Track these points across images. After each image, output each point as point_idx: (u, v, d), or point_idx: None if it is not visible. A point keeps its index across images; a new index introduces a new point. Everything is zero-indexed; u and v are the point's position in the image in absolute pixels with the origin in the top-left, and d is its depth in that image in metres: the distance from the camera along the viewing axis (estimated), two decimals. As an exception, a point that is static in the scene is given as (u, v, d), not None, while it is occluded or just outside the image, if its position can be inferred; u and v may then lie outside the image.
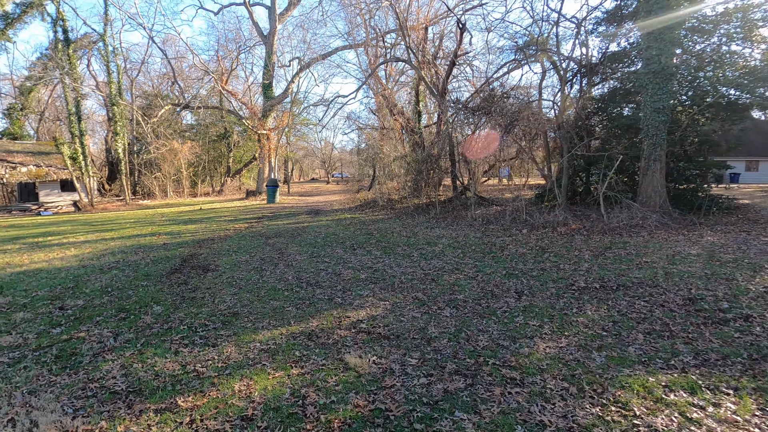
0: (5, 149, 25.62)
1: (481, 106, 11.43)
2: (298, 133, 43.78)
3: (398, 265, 6.95)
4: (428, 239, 9.31)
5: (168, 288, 5.99)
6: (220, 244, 9.46)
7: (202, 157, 34.29)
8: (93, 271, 7.09)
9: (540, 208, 12.84)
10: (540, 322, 4.19)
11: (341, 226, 12.16)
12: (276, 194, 22.12)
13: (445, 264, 6.87)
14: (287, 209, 18.41)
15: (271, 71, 24.28)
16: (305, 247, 8.79)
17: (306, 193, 33.39)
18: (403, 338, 3.94)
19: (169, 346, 3.89)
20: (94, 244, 9.78)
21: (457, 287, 5.52)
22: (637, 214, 9.84)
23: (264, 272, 6.76)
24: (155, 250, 8.97)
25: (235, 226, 12.59)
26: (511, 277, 5.88)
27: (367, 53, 22.02)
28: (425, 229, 10.91)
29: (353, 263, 7.19)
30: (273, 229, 11.66)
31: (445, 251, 7.92)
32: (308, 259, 7.67)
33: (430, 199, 15.84)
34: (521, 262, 6.73)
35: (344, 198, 23.73)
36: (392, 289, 5.58)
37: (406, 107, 22.59)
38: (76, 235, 11.48)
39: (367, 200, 18.39)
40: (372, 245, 8.84)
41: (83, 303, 5.37)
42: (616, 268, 6.08)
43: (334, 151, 62.89)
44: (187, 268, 7.25)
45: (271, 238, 10.11)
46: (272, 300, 5.26)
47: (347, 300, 5.16)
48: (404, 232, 10.42)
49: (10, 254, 8.88)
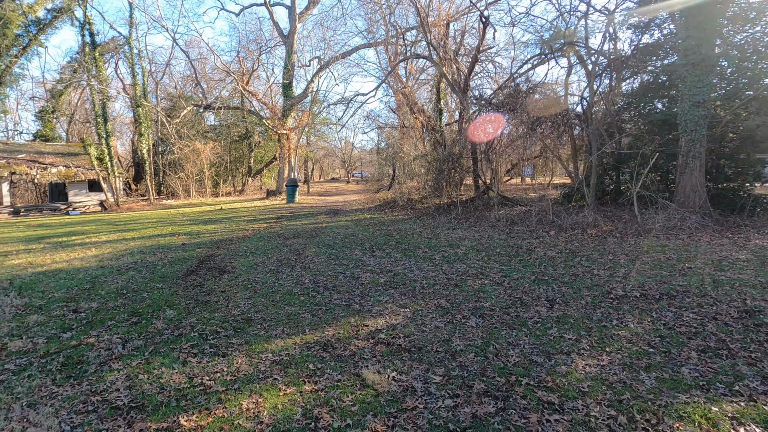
0: (37, 151, 26.47)
1: (505, 103, 10.98)
2: (318, 133, 43.87)
3: (419, 268, 6.63)
4: (450, 241, 8.94)
5: (183, 291, 5.84)
6: (237, 245, 9.33)
7: (224, 158, 34.69)
8: (110, 272, 7.04)
9: (567, 208, 12.29)
10: (576, 336, 3.81)
11: (360, 226, 11.91)
12: (295, 194, 22.08)
13: (468, 268, 6.51)
14: (306, 209, 18.31)
15: (291, 71, 24.27)
16: (323, 249, 8.56)
17: (326, 193, 33.37)
18: (426, 351, 3.62)
19: (177, 355, 3.69)
20: (115, 244, 9.81)
21: (483, 294, 5.16)
22: (674, 215, 9.23)
23: (280, 275, 6.55)
24: (174, 250, 8.90)
25: (254, 227, 12.50)
26: (540, 284, 5.48)
27: (386, 51, 21.72)
28: (447, 230, 10.54)
29: (372, 266, 6.91)
30: (291, 230, 11.50)
31: (468, 254, 7.55)
32: (326, 261, 7.43)
33: (452, 199, 15.43)
34: (551, 267, 6.31)
35: (364, 198, 23.51)
36: (413, 295, 5.27)
37: (427, 105, 22.20)
38: (99, 235, 11.59)
39: (386, 200, 18.10)
40: (392, 247, 8.54)
41: (97, 305, 5.26)
42: (656, 275, 5.60)
43: (354, 150, 62.91)
44: (203, 269, 7.11)
45: (289, 239, 9.93)
46: (287, 305, 5.03)
47: (365, 306, 4.87)
48: (425, 233, 10.08)
49: (34, 254, 8.97)
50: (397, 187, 17.20)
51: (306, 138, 39.41)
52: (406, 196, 17.00)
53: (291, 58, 24.20)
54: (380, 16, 20.13)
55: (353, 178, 60.08)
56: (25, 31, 28.50)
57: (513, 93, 11.07)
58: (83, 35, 21.79)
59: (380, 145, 54.71)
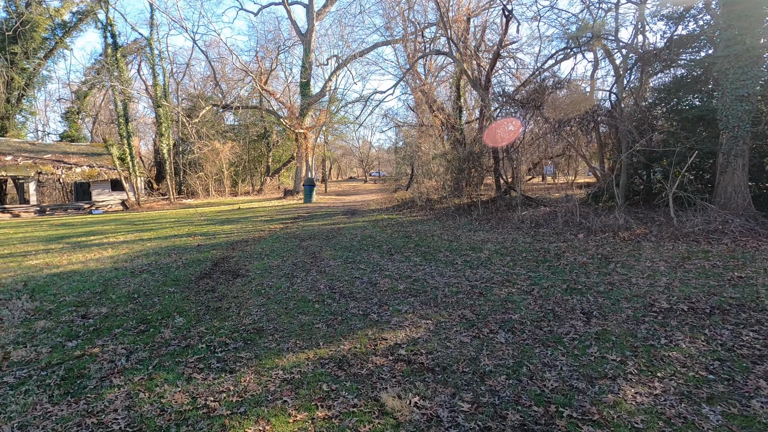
0: (62, 151, 27.09)
1: (530, 99, 10.47)
2: (336, 132, 43.79)
3: (440, 274, 6.26)
4: (472, 244, 8.54)
5: (194, 296, 5.63)
6: (253, 247, 9.14)
7: (243, 157, 34.90)
8: (124, 275, 6.90)
9: (595, 209, 11.71)
10: (621, 356, 3.39)
11: (378, 227, 11.60)
12: (313, 194, 21.94)
13: (493, 274, 6.11)
14: (323, 209, 18.11)
15: (308, 69, 24.13)
16: (340, 252, 8.28)
17: (343, 192, 33.22)
18: (451, 371, 3.27)
19: (182, 371, 3.44)
20: (131, 245, 9.75)
21: (511, 304, 4.77)
22: (715, 217, 8.60)
23: (295, 279, 6.28)
24: (188, 251, 8.76)
25: (270, 227, 12.33)
26: (573, 293, 5.05)
27: (405, 48, 21.34)
28: (468, 232, 10.13)
29: (390, 271, 6.58)
30: (308, 231, 11.27)
31: (492, 258, 7.14)
32: (342, 265, 7.14)
33: (472, 199, 14.98)
34: (583, 274, 5.86)
35: (381, 197, 23.21)
36: (435, 304, 4.91)
37: (446, 104, 21.74)
38: (117, 234, 11.60)
39: (404, 200, 17.75)
40: (411, 250, 8.19)
41: (107, 311, 5.08)
42: (703, 285, 5.10)
43: (372, 149, 62.69)
44: (217, 272, 6.91)
45: (305, 241, 9.69)
46: (301, 314, 4.74)
47: (384, 317, 4.55)
48: (445, 236, 9.69)
49: (52, 254, 8.97)
50: (416, 187, 16.82)
51: (324, 137, 39.35)
52: (425, 196, 16.62)
53: (309, 56, 24.05)
54: (398, 12, 19.78)
55: (371, 177, 59.88)
56: (52, 34, 29.23)
57: (538, 89, 10.56)
58: (105, 36, 22.11)
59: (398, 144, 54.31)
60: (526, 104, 10.54)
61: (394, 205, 17.45)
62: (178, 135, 32.99)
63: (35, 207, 22.67)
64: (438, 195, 16.96)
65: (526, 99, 10.50)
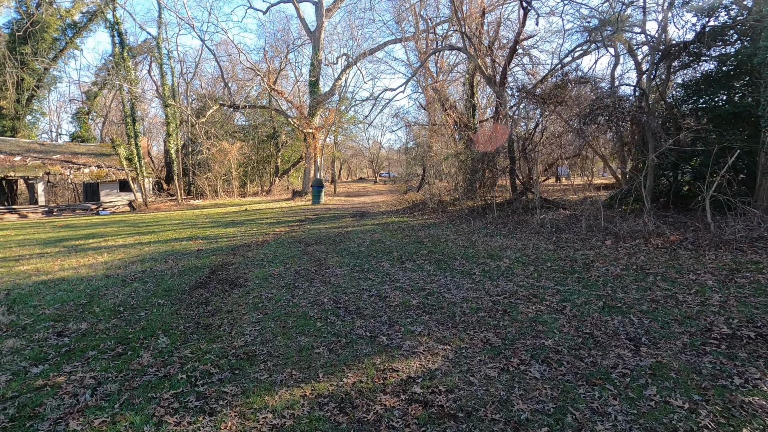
0: (71, 151, 27.01)
1: (551, 94, 9.78)
2: (346, 133, 43.32)
3: (457, 286, 5.64)
4: (490, 251, 7.89)
5: (185, 309, 5.10)
6: (255, 252, 8.60)
7: (252, 158, 34.60)
8: (114, 283, 6.41)
9: (620, 213, 10.98)
10: (688, 402, 2.74)
11: (388, 231, 11.00)
12: (321, 195, 21.44)
13: (516, 287, 5.47)
14: (332, 211, 17.58)
15: (317, 68, 23.65)
16: (347, 258, 7.70)
17: (352, 194, 32.71)
18: (478, 418, 2.66)
19: (153, 411, 2.87)
20: (129, 249, 9.30)
21: (541, 325, 4.13)
22: (758, 223, 7.83)
23: (297, 291, 5.71)
24: (187, 257, 8.26)
25: (275, 230, 11.81)
26: (613, 313, 4.40)
27: (416, 45, 20.74)
28: (484, 237, 9.48)
29: (402, 282, 5.97)
30: (314, 235, 10.72)
31: (513, 268, 6.49)
32: (349, 273, 6.55)
33: (486, 201, 14.30)
34: (620, 289, 5.18)
35: (391, 199, 22.62)
36: (453, 323, 4.30)
37: (458, 103, 21.06)
38: (117, 238, 11.18)
39: (415, 202, 17.13)
40: (423, 257, 7.58)
41: (87, 327, 4.57)
42: (764, 304, 4.40)
43: (382, 150, 62.18)
44: (213, 281, 6.38)
45: (310, 246, 9.14)
46: (301, 334, 4.17)
47: (395, 340, 3.95)
48: (460, 241, 9.05)
49: (45, 259, 8.54)
50: (427, 188, 16.19)
51: (333, 137, 38.89)
52: (437, 198, 15.99)
53: (318, 54, 23.57)
54: (410, 8, 19.17)
55: (381, 178, 59.36)
56: (62, 35, 29.19)
57: (560, 84, 9.87)
58: (113, 35, 21.88)
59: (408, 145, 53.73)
60: (547, 100, 9.85)
61: (405, 207, 16.85)
62: (187, 135, 32.81)
63: (43, 208, 22.54)
64: (450, 197, 16.32)
65: (547, 94, 9.79)
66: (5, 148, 24.13)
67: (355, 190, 39.10)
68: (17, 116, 26.97)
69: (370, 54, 24.27)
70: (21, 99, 27.48)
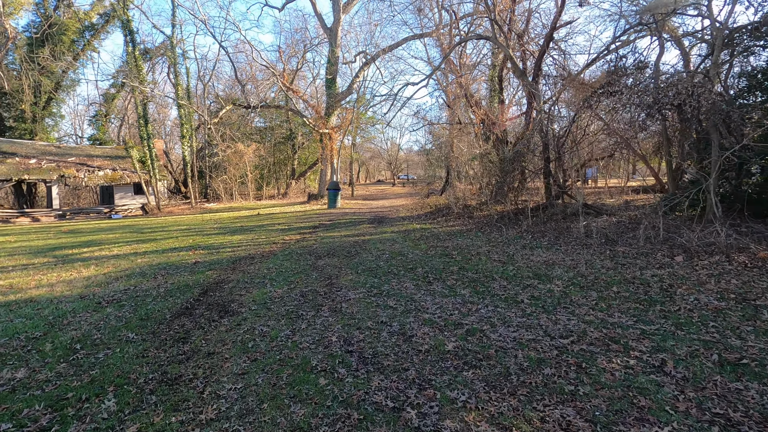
0: (87, 154, 26.73)
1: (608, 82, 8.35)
2: (364, 134, 42.32)
3: (504, 320, 4.37)
4: (534, 267, 6.58)
5: (156, 349, 4.00)
6: (258, 266, 7.50)
7: (268, 160, 33.92)
8: (86, 307, 5.37)
9: (679, 221, 9.50)
10: None
11: (410, 240, 9.78)
12: (337, 199, 20.37)
13: (583, 324, 4.17)
14: (348, 216, 16.45)
15: (334, 65, 22.64)
16: (362, 276, 6.51)
17: (370, 197, 31.59)
18: None
19: None
20: (120, 261, 8.33)
21: (642, 396, 2.84)
22: None
23: (299, 323, 4.55)
24: (180, 272, 7.22)
25: (285, 238, 10.73)
26: (741, 375, 3.06)
27: (439, 39, 19.46)
28: (522, 249, 8.16)
29: (431, 311, 4.74)
30: (327, 244, 9.58)
31: (570, 293, 5.18)
32: (365, 298, 5.36)
33: (518, 206, 12.93)
34: (730, 332, 3.82)
35: (411, 203, 21.38)
36: (509, 387, 3.05)
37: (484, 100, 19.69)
38: (114, 246, 10.28)
39: (438, 206, 15.85)
40: (454, 276, 6.33)
41: (22, 376, 3.51)
42: None
43: (401, 152, 60.99)
44: (201, 306, 5.28)
45: (321, 258, 7.99)
46: (296, 401, 2.99)
47: (429, 417, 2.72)
48: (495, 254, 7.75)
49: (27, 271, 7.64)
50: (451, 192, 14.89)
51: (351, 139, 37.93)
52: (462, 202, 14.67)
53: (335, 51, 22.56)
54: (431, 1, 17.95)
55: (399, 181, 58.14)
56: (80, 37, 29.03)
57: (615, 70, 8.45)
58: (125, 35, 21.35)
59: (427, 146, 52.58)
60: (599, 88, 8.43)
61: (427, 211, 15.58)
62: (204, 138, 32.32)
63: (56, 211, 22.16)
64: (476, 201, 14.99)
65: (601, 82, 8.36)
66: (21, 151, 23.93)
67: (374, 192, 38.00)
68: (35, 119, 26.85)
69: (389, 51, 23.14)
70: (39, 102, 27.38)
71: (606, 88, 8.22)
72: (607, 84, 8.23)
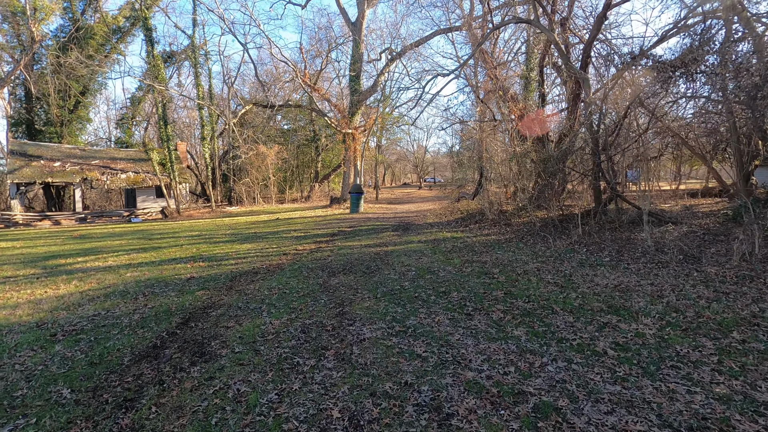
0: (111, 156, 26.61)
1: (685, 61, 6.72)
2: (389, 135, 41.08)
3: (587, 389, 2.95)
4: (603, 295, 5.08)
5: (85, 419, 2.80)
6: (259, 285, 6.30)
7: (291, 162, 33.18)
8: (34, 342, 4.28)
9: None
10: None
11: (440, 253, 8.39)
12: (360, 203, 19.15)
13: (716, 402, 2.70)
14: (371, 222, 15.17)
15: (359, 61, 21.51)
16: (382, 302, 5.18)
17: (395, 200, 30.28)
18: None
19: None
20: (107, 275, 7.32)
21: None
22: None
23: (291, 381, 3.27)
24: (167, 292, 6.10)
25: (298, 248, 9.54)
26: None
27: (469, 32, 17.97)
28: (579, 266, 6.63)
29: (475, 366, 3.37)
30: (343, 257, 8.31)
31: (670, 340, 3.69)
32: (384, 338, 4.03)
33: (563, 212, 11.32)
34: None
35: (440, 207, 19.91)
36: None
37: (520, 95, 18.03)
38: (110, 256, 9.34)
39: (470, 211, 14.35)
40: (499, 304, 4.91)
41: None
42: None
43: (427, 154, 59.42)
44: (173, 345, 4.09)
45: (335, 275, 6.72)
46: None
47: None
48: (547, 274, 6.27)
49: (3, 287, 6.72)
50: (486, 196, 13.38)
51: (376, 140, 36.80)
52: (497, 207, 13.14)
53: (359, 47, 21.43)
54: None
55: (425, 183, 56.58)
56: (108, 41, 29.10)
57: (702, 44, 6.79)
58: (144, 33, 20.90)
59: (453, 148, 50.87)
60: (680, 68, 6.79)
61: (458, 217, 14.12)
62: (229, 141, 31.92)
63: (78, 215, 21.91)
64: (512, 205, 13.42)
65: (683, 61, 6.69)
66: (47, 154, 23.93)
67: (399, 196, 36.66)
68: (61, 122, 26.97)
69: (417, 45, 21.81)
70: (67, 105, 27.54)
71: (690, 66, 6.58)
72: (691, 61, 6.58)
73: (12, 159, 22.39)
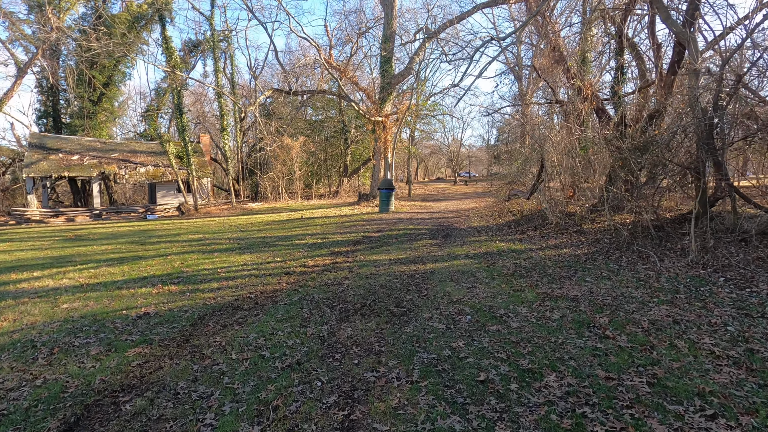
0: (131, 149, 25.54)
1: None
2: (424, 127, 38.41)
3: None
4: None
5: None
6: (229, 338, 4.10)
7: (318, 156, 31.25)
8: None
9: None
10: None
11: (500, 277, 5.94)
12: (390, 200, 16.81)
13: None
14: (403, 224, 12.82)
15: (390, 41, 19.12)
16: (423, 394, 2.83)
17: (430, 197, 27.74)
18: None
19: None
20: (36, 306, 5.33)
21: None
22: None
23: None
24: (89, 345, 4.02)
25: (308, 264, 7.32)
26: None
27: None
28: (740, 312, 4.04)
29: None
30: (363, 282, 6.01)
31: None
32: None
33: (658, 217, 8.59)
34: None
35: (483, 206, 17.28)
36: None
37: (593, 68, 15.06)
38: (72, 271, 7.42)
39: (524, 213, 11.72)
40: (650, 411, 2.46)
41: None
42: None
43: (462, 147, 56.23)
44: None
45: (347, 319, 4.44)
46: None
47: None
48: (695, 328, 3.72)
49: None
50: (548, 195, 10.71)
51: (409, 131, 34.31)
52: (561, 209, 10.48)
53: (390, 24, 19.03)
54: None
55: (460, 178, 53.47)
56: (131, 30, 28.08)
57: None
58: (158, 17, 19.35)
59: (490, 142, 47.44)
60: None
61: (509, 220, 11.55)
62: (255, 133, 30.40)
63: (93, 210, 20.80)
64: (578, 206, 10.71)
65: None
66: (66, 147, 23.04)
67: (433, 192, 34.05)
68: (82, 114, 26.17)
69: (457, 22, 19.15)
70: (92, 97, 26.74)
71: None
72: None
73: (30, 152, 21.56)
